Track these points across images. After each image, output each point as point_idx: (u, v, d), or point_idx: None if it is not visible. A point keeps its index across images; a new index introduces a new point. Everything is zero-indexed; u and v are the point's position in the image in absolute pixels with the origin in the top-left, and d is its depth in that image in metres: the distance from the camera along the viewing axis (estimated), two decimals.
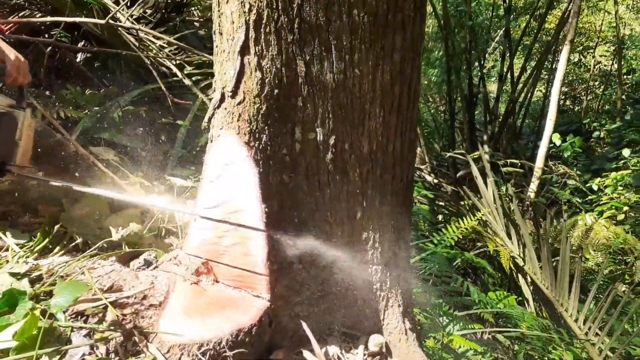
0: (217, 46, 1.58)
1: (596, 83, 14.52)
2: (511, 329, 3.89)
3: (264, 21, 1.43)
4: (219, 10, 1.52)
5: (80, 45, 4.13)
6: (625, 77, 12.21)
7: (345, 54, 1.52)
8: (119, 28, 3.81)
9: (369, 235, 1.84)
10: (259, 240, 1.66)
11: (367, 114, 1.63)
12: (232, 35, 1.48)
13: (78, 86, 3.48)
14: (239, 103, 1.52)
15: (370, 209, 1.79)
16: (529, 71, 10.43)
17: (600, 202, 7.88)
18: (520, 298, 4.69)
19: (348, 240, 1.82)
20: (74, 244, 1.85)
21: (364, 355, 1.92)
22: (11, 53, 1.73)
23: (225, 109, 1.55)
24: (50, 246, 1.83)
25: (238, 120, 1.53)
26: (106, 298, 1.52)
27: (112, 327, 1.45)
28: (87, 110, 3.30)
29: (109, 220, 2.02)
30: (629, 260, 5.78)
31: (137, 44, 3.95)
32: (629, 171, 7.72)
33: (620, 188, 7.83)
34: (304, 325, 1.81)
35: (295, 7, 1.43)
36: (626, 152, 7.93)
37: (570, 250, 6.00)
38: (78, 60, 3.89)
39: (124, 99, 3.53)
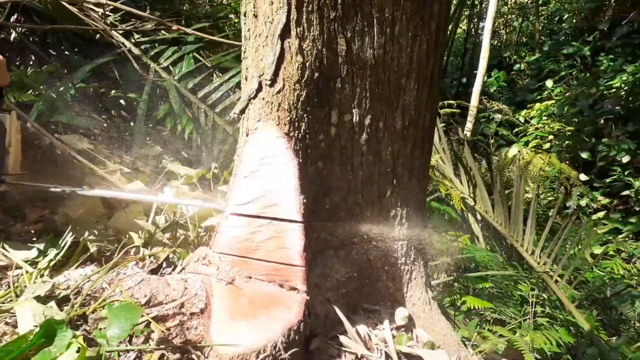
0: (248, 30, 1.39)
1: (513, 16, 14.98)
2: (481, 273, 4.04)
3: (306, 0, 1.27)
4: None
5: (14, 19, 3.58)
6: (541, 8, 12.67)
7: (387, 27, 1.39)
8: None
9: (397, 211, 1.78)
10: (295, 232, 1.56)
11: (403, 88, 1.53)
12: (271, 17, 1.30)
13: (17, 64, 3.04)
14: (279, 92, 1.36)
15: (399, 186, 1.73)
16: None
17: (527, 133, 8.33)
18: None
19: (377, 220, 1.75)
20: (88, 253, 1.65)
21: (391, 329, 1.91)
22: None
23: (263, 98, 1.39)
24: (61, 257, 1.62)
25: (278, 110, 1.38)
26: (147, 314, 1.37)
27: (162, 346, 1.32)
28: (37, 92, 2.91)
29: (113, 221, 1.82)
30: (573, 191, 6.20)
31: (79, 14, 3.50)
32: (553, 101, 8.15)
33: (544, 118, 8.28)
34: (337, 310, 1.77)
35: None
36: (549, 82, 8.33)
37: (511, 184, 6.33)
38: (13, 35, 3.36)
39: (74, 77, 3.15)
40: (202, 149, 3.38)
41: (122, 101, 3.61)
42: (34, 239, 1.72)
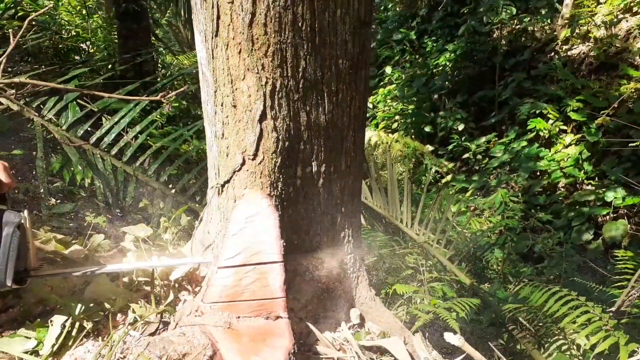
0: (227, 116, 1.63)
1: None
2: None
3: (277, 89, 1.57)
4: (232, 87, 1.57)
5: None
6: None
7: (333, 97, 1.74)
8: None
9: (345, 232, 2.15)
10: (276, 271, 1.85)
11: (345, 137, 1.89)
12: (250, 107, 1.57)
13: None
14: (260, 162, 1.64)
15: (346, 212, 2.09)
16: None
17: (376, 116, 9.19)
18: None
19: (332, 242, 2.10)
20: (86, 330, 1.75)
21: (348, 328, 2.29)
22: None
23: (247, 170, 1.65)
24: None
25: (260, 177, 1.66)
26: None
27: None
28: None
29: (89, 292, 1.91)
30: (425, 162, 7.06)
31: None
32: (394, 86, 9.11)
33: (389, 101, 9.21)
34: (310, 325, 2.10)
35: (300, 71, 1.59)
36: (388, 69, 9.25)
37: (380, 168, 7.04)
38: None
39: None
40: (107, 195, 3.40)
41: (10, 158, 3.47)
42: (10, 330, 1.77)
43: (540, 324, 3.18)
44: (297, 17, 1.53)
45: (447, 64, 8.70)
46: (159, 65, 8.28)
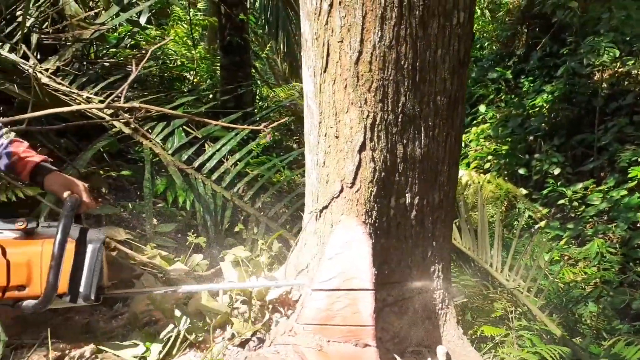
0: (329, 146, 1.76)
1: None
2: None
3: (377, 122, 1.67)
4: (336, 119, 1.70)
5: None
6: None
7: (430, 131, 1.80)
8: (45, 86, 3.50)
9: (435, 267, 2.16)
10: (367, 298, 1.90)
11: (439, 171, 1.93)
12: (351, 138, 1.69)
13: None
14: (357, 191, 1.73)
15: (437, 246, 2.11)
16: None
17: (468, 156, 9.01)
18: None
19: (421, 276, 2.12)
20: (188, 341, 1.89)
21: None
22: (79, 183, 1.71)
23: (345, 197, 1.75)
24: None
25: (357, 205, 1.74)
26: None
27: None
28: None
29: (191, 306, 2.06)
30: (518, 206, 6.84)
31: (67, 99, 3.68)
32: (487, 125, 8.93)
33: (482, 140, 9.02)
34: (397, 357, 2.11)
35: (400, 106, 1.69)
36: (482, 107, 9.11)
37: (470, 208, 6.90)
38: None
39: (77, 164, 3.31)
40: (206, 218, 3.63)
41: (110, 180, 3.82)
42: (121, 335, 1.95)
43: None
44: (400, 56, 1.63)
45: (545, 105, 8.42)
46: (257, 97, 8.70)
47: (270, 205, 4.05)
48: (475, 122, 9.20)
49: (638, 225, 6.34)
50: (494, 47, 11.08)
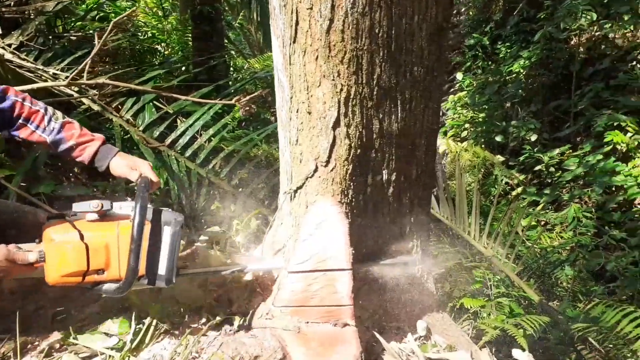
0: (302, 123, 1.66)
1: None
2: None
3: (351, 96, 1.57)
4: (308, 93, 1.59)
5: None
6: None
7: (407, 104, 1.72)
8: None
9: (414, 243, 2.12)
10: (345, 278, 1.84)
11: (417, 146, 1.86)
12: (324, 113, 1.59)
13: None
14: (332, 169, 1.65)
15: (415, 221, 2.06)
16: None
17: (445, 124, 8.99)
18: None
19: (400, 253, 2.08)
20: (163, 328, 1.82)
21: (415, 340, 2.24)
22: (144, 162, 1.74)
23: (319, 176, 1.67)
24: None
25: (332, 184, 1.66)
26: None
27: None
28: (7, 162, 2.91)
29: (165, 292, 1.99)
30: (495, 173, 6.85)
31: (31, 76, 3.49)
32: (465, 92, 8.88)
33: (459, 108, 8.99)
34: (377, 335, 2.08)
35: (375, 78, 1.59)
36: (459, 75, 9.04)
37: (448, 177, 6.90)
38: None
39: None
40: (181, 196, 3.53)
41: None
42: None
43: (611, 345, 3.01)
44: (375, 24, 1.53)
45: (521, 71, 8.38)
46: (231, 68, 8.47)
47: (249, 181, 3.96)
48: (452, 90, 9.15)
49: (613, 189, 6.41)
50: (470, 13, 10.94)
